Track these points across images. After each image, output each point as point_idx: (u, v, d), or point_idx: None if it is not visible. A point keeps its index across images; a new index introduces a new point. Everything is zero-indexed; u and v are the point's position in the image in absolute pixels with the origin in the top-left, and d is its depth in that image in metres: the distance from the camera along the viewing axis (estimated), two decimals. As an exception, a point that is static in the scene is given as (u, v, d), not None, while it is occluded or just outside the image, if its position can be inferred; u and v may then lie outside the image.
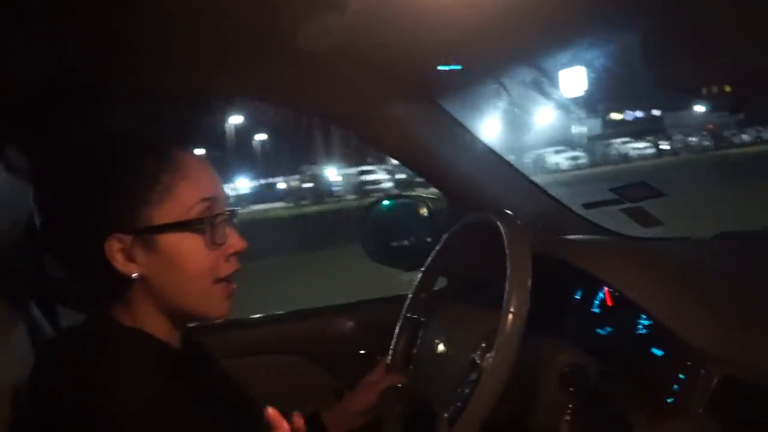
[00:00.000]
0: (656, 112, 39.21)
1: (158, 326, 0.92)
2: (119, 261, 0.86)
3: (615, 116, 39.02)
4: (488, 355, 1.00)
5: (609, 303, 1.27)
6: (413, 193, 1.81)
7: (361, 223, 1.81)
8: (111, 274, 0.87)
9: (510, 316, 0.98)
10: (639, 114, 39.48)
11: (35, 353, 1.14)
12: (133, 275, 0.87)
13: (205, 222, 0.90)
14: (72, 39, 1.12)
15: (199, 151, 0.99)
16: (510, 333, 0.97)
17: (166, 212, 0.88)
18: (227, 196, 0.97)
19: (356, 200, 22.05)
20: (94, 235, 0.86)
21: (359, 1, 1.02)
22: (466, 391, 1.01)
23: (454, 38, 1.25)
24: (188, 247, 0.89)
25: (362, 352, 1.75)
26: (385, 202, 1.84)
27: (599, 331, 1.26)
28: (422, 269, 1.42)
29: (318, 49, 1.23)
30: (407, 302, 1.40)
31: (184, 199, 0.89)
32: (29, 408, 0.87)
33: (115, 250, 0.86)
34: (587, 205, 1.69)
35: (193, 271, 0.90)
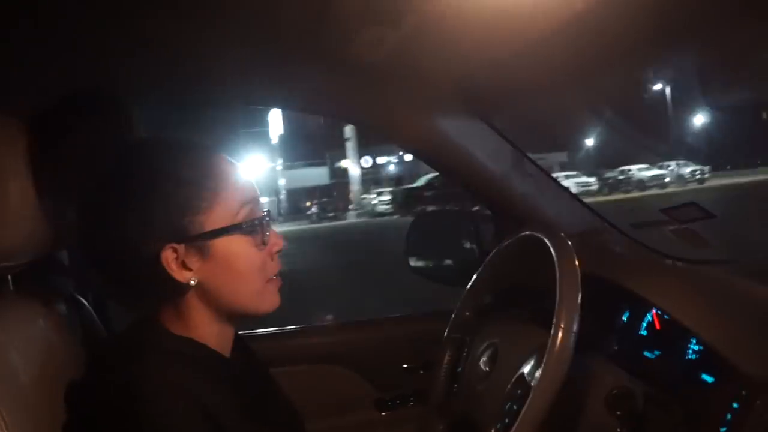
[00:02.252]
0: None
1: (209, 330, 0.94)
2: (176, 270, 0.88)
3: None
4: (537, 371, 1.00)
5: (657, 326, 1.25)
6: (458, 208, 1.81)
7: (406, 237, 1.82)
8: (166, 283, 0.88)
9: (561, 332, 0.97)
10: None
11: (88, 353, 1.18)
12: (191, 282, 0.89)
13: (254, 224, 0.93)
14: (110, 47, 1.16)
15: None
16: (561, 349, 0.96)
17: (215, 218, 0.89)
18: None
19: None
20: (149, 246, 0.86)
21: (414, 16, 1.03)
22: (514, 407, 1.01)
23: (503, 56, 1.26)
24: (240, 249, 0.92)
25: (405, 366, 1.77)
26: (431, 216, 1.85)
27: (647, 354, 1.24)
28: (467, 287, 1.42)
29: (370, 59, 1.25)
30: (451, 321, 1.40)
31: (230, 203, 0.91)
32: (80, 408, 0.90)
33: (171, 259, 0.87)
34: (635, 225, 1.67)
35: (247, 273, 0.93)
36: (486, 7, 0.99)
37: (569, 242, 1.11)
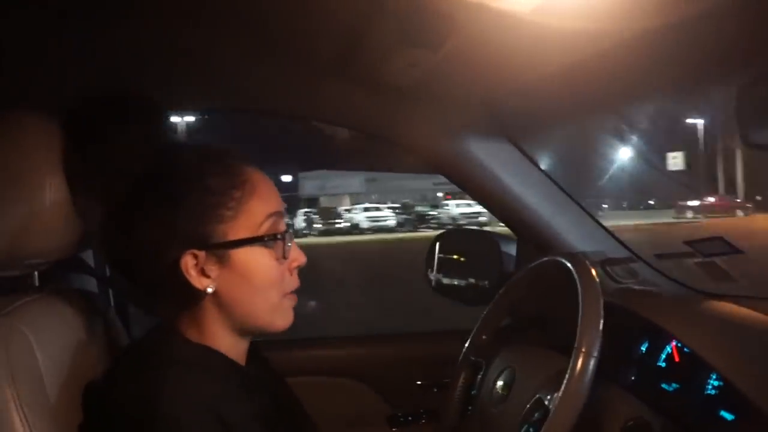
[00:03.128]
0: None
1: (224, 339, 0.94)
2: (194, 276, 0.88)
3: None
4: (556, 394, 0.99)
5: (676, 358, 1.23)
6: (483, 228, 1.82)
7: (428, 253, 1.82)
8: (183, 289, 0.89)
9: (581, 356, 0.97)
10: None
11: (109, 354, 1.20)
12: (209, 290, 0.89)
13: (276, 237, 0.93)
14: (150, 53, 1.18)
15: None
16: (581, 372, 0.96)
17: (239, 228, 0.90)
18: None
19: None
20: (170, 251, 0.87)
21: (452, 40, 1.04)
22: (531, 430, 1.01)
23: (534, 82, 1.26)
24: (260, 261, 0.92)
25: (419, 383, 1.76)
26: (454, 234, 1.85)
27: (664, 386, 1.23)
28: (486, 310, 1.42)
29: (403, 82, 1.26)
30: (468, 343, 1.40)
31: (254, 214, 0.91)
32: (98, 413, 0.91)
33: (190, 266, 0.88)
34: (659, 256, 1.66)
35: (265, 285, 0.93)
36: (526, 32, 1.00)
37: (593, 269, 1.11)
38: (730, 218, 24.91)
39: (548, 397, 1.03)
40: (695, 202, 28.65)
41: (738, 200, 30.49)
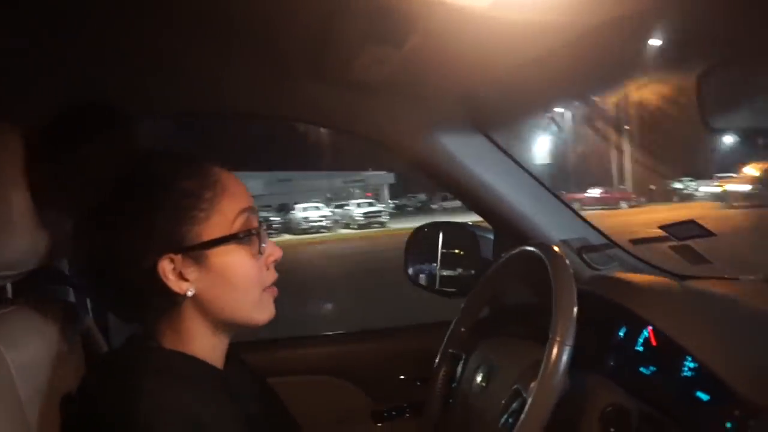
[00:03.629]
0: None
1: (204, 342, 0.94)
2: (172, 281, 0.88)
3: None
4: (532, 384, 1.00)
5: (653, 342, 1.25)
6: (460, 221, 1.82)
7: (405, 247, 1.82)
8: (162, 295, 0.89)
9: (556, 345, 0.98)
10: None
11: (87, 365, 1.19)
12: (188, 293, 0.89)
13: (250, 233, 0.93)
14: (114, 60, 1.17)
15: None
16: (555, 361, 0.97)
17: (212, 228, 0.90)
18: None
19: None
20: (146, 257, 0.87)
21: (416, 36, 1.04)
22: (510, 420, 1.01)
23: (504, 72, 1.27)
24: (237, 259, 0.92)
25: (402, 377, 1.77)
26: (431, 227, 1.85)
27: (642, 370, 1.24)
28: (464, 303, 1.42)
29: (371, 79, 1.26)
30: (447, 337, 1.40)
31: (227, 213, 0.92)
32: (74, 425, 0.90)
33: (168, 270, 0.87)
34: (634, 241, 1.67)
35: (244, 283, 0.93)
36: (486, 26, 1.00)
37: (564, 256, 1.12)
38: (608, 211, 24.05)
39: (525, 387, 1.04)
40: (581, 195, 27.80)
41: (627, 192, 30.12)
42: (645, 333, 1.27)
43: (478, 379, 1.23)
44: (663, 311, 1.23)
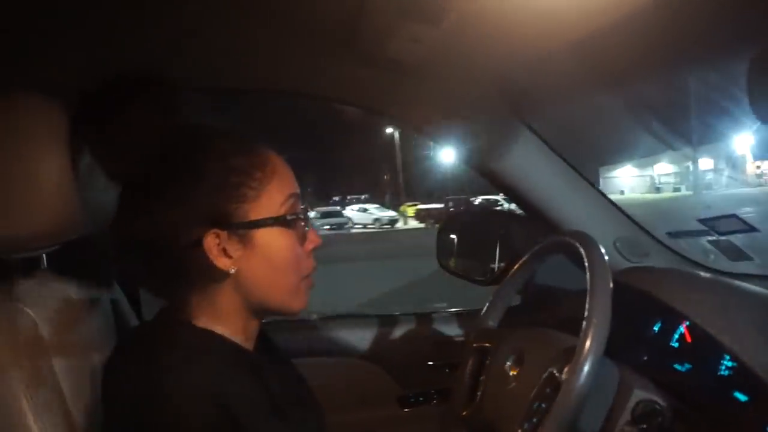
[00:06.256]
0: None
1: (237, 322, 0.94)
2: (216, 256, 0.87)
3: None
4: (567, 368, 0.99)
5: (688, 339, 1.22)
6: (496, 208, 1.79)
7: (439, 235, 1.81)
8: (203, 270, 0.88)
9: (591, 328, 0.96)
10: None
11: (117, 338, 1.20)
12: (230, 271, 0.88)
13: (297, 217, 0.93)
14: (158, 32, 1.16)
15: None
16: (592, 344, 0.95)
17: (260, 208, 0.89)
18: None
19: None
20: (191, 231, 0.86)
21: (454, 14, 1.02)
22: (543, 405, 1.00)
23: (544, 56, 1.23)
24: (282, 242, 0.91)
25: (430, 363, 1.76)
26: (464, 215, 1.84)
27: (677, 366, 1.21)
28: (494, 293, 1.40)
29: (407, 58, 1.23)
30: (475, 328, 1.39)
31: (276, 195, 0.91)
32: (102, 396, 0.90)
33: (213, 245, 0.87)
34: (672, 234, 1.64)
35: (286, 266, 0.92)
36: (528, 6, 0.97)
37: (601, 248, 1.09)
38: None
39: (560, 371, 1.02)
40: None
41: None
42: (680, 329, 1.24)
43: (507, 368, 1.21)
44: (701, 307, 1.20)
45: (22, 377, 0.85)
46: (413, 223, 30.06)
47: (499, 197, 30.03)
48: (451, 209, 27.90)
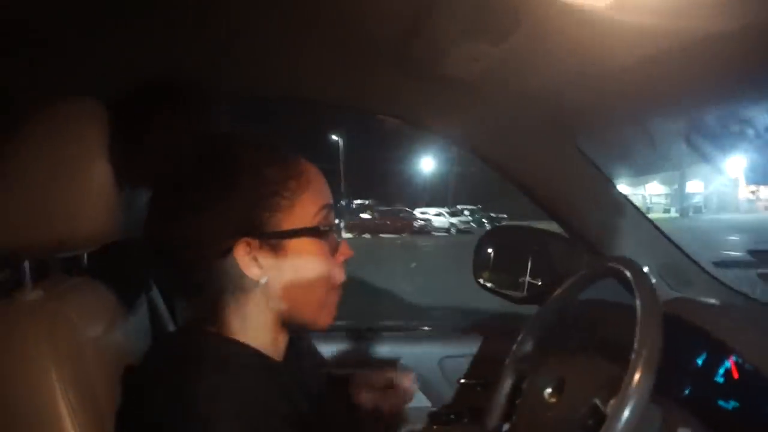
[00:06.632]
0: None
1: (266, 334, 0.93)
2: (247, 265, 0.87)
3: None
4: (612, 401, 0.96)
5: (735, 375, 1.18)
6: (534, 227, 1.76)
7: (476, 251, 1.78)
8: (233, 279, 0.88)
9: (642, 362, 0.93)
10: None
11: (152, 341, 1.20)
12: (261, 281, 0.88)
13: (330, 229, 0.92)
14: (201, 40, 1.16)
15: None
16: (641, 378, 0.92)
17: (294, 218, 0.89)
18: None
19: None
20: (222, 239, 0.86)
21: (516, 36, 1.00)
22: None
23: (598, 79, 1.21)
24: (314, 253, 0.91)
25: (462, 381, 1.73)
26: (503, 231, 1.81)
27: (721, 403, 1.17)
28: (534, 315, 1.37)
29: (463, 76, 1.22)
30: (513, 350, 1.36)
31: (309, 205, 0.90)
32: (134, 401, 0.91)
33: (244, 254, 0.86)
34: (718, 264, 1.59)
35: (317, 277, 0.91)
36: (593, 30, 0.95)
37: (651, 278, 1.06)
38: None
39: (604, 403, 0.99)
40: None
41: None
42: (726, 363, 1.20)
43: (547, 393, 1.18)
44: (750, 341, 1.16)
45: (61, 377, 0.86)
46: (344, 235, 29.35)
47: (443, 210, 29.55)
48: (377, 221, 27.28)
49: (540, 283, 1.67)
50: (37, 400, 0.84)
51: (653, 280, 1.06)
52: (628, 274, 1.08)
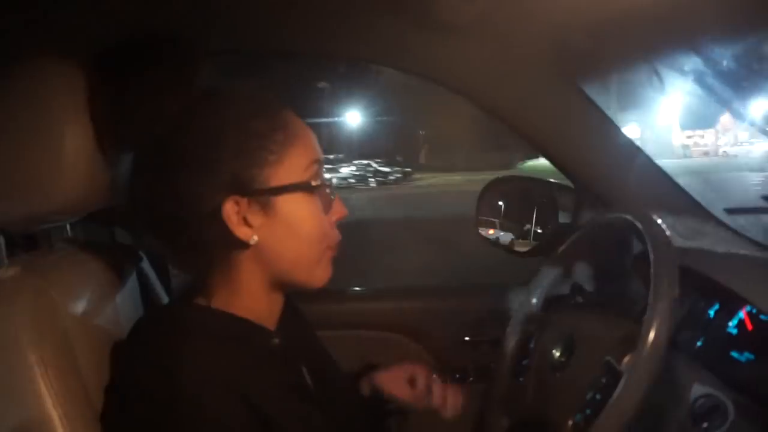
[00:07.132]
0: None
1: (258, 300, 0.90)
2: (236, 225, 0.83)
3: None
4: (626, 358, 0.93)
5: (749, 326, 1.14)
6: (538, 177, 1.71)
7: (479, 202, 1.73)
8: (223, 241, 0.84)
9: (657, 316, 0.90)
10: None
11: (143, 311, 1.16)
12: (252, 241, 0.84)
13: (322, 184, 0.88)
14: None
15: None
16: (657, 333, 0.88)
17: (282, 173, 0.84)
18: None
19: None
20: (209, 199, 0.81)
21: None
22: (598, 396, 0.94)
23: (600, 18, 1.15)
24: (306, 209, 0.87)
25: (467, 338, 1.71)
26: (504, 182, 1.76)
27: (735, 355, 1.14)
28: (540, 271, 1.33)
29: (458, 20, 1.16)
30: (517, 310, 1.33)
31: (298, 160, 0.86)
32: (120, 379, 0.87)
33: (232, 213, 0.82)
34: (730, 211, 1.54)
35: (310, 236, 0.88)
36: None
37: (666, 229, 1.02)
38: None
39: (618, 361, 0.96)
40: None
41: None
42: (740, 314, 1.16)
43: (556, 353, 1.15)
44: (764, 291, 1.11)
45: (41, 359, 0.81)
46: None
47: (372, 162, 28.53)
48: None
49: (545, 235, 1.63)
50: (14, 382, 0.80)
51: (669, 234, 1.01)
52: (639, 225, 1.04)
